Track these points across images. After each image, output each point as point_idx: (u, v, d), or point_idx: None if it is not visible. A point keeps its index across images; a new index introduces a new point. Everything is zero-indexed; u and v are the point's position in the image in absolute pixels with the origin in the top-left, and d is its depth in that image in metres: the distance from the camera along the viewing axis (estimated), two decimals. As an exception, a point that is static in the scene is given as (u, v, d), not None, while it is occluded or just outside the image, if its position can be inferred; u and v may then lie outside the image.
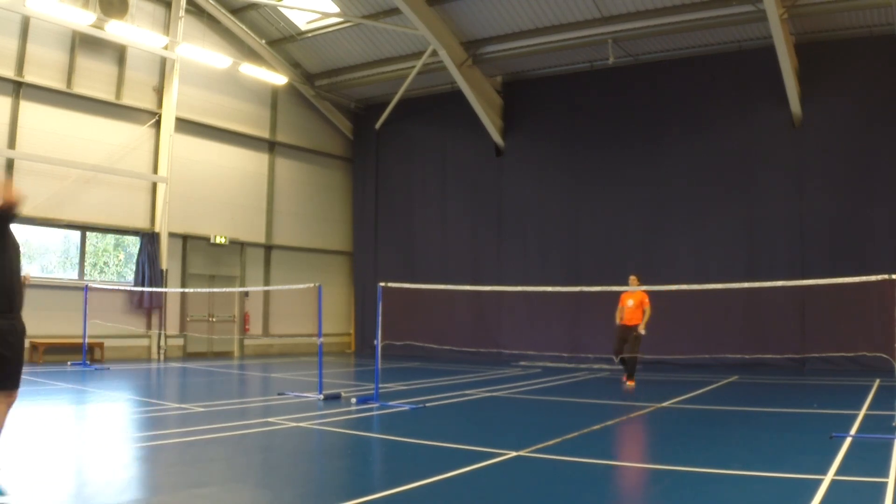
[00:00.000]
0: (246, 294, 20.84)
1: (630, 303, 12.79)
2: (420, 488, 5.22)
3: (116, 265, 19.24)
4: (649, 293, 12.75)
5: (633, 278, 12.77)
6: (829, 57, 16.97)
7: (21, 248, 5.35)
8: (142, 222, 18.67)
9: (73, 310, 16.30)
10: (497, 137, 21.06)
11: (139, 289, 17.86)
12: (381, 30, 19.71)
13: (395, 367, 16.28)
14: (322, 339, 11.17)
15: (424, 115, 22.67)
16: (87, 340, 16.00)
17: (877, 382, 12.63)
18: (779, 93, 16.71)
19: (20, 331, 5.03)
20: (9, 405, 4.95)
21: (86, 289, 16.36)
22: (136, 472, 5.60)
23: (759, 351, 16.13)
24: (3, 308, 4.95)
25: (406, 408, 9.61)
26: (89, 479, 5.25)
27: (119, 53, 18.21)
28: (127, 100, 18.32)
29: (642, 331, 12.47)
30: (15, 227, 5.26)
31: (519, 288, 15.21)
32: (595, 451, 6.79)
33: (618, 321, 12.89)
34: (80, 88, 17.31)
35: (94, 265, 18.59)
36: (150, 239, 18.55)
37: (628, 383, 12.66)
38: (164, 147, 18.79)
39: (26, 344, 5.05)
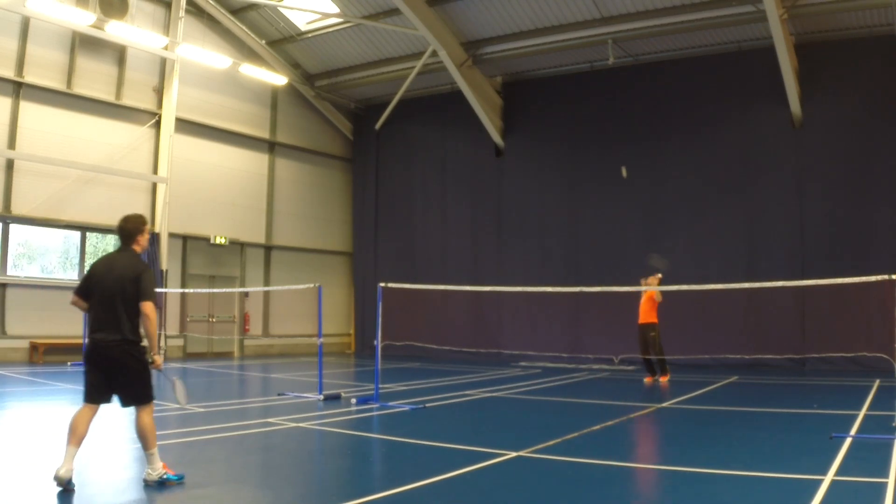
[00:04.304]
0: (246, 294, 20.84)
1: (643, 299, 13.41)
2: (420, 488, 5.22)
3: (116, 265, 19.24)
4: (648, 293, 13.15)
5: (651, 279, 13.29)
6: (829, 57, 16.97)
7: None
8: (142, 223, 18.65)
9: (72, 310, 16.09)
10: (497, 138, 21.06)
11: (139, 289, 17.82)
12: (381, 30, 19.71)
13: (395, 368, 16.27)
14: (322, 340, 11.17)
15: (424, 116, 22.66)
16: (87, 341, 15.96)
17: (877, 382, 12.62)
18: (779, 93, 16.71)
19: (98, 348, 5.38)
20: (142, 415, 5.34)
21: (86, 289, 16.33)
22: (136, 472, 5.59)
23: (759, 351, 16.15)
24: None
25: (406, 408, 9.60)
26: (89, 480, 5.25)
27: (119, 54, 18.21)
28: (127, 100, 18.32)
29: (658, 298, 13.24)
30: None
31: (519, 288, 15.23)
32: (595, 452, 6.78)
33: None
34: (80, 89, 17.32)
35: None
36: (150, 239, 18.51)
37: (662, 379, 13.27)
38: (164, 147, 18.80)
39: (24, 345, 5.31)
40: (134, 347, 5.32)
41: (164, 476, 5.17)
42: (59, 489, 4.87)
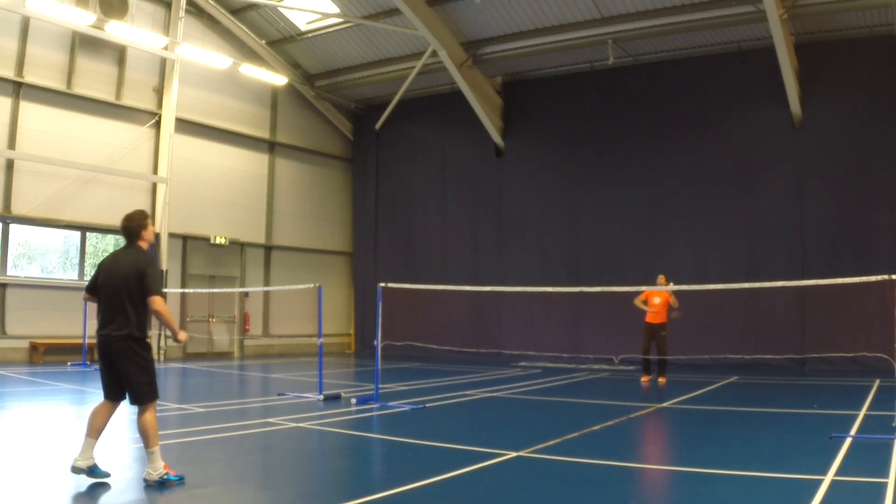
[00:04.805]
0: (246, 294, 20.84)
1: (657, 301, 13.34)
2: (420, 488, 5.22)
3: (116, 265, 19.23)
4: (665, 297, 13.24)
5: (661, 277, 13.43)
6: (829, 57, 16.97)
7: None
8: (142, 222, 18.62)
9: (73, 310, 16.29)
10: (497, 138, 21.06)
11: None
12: (381, 30, 19.71)
13: (395, 368, 16.28)
14: (322, 340, 11.17)
15: (424, 116, 22.66)
16: (87, 341, 15.99)
17: (877, 382, 12.63)
18: (779, 93, 16.71)
19: (103, 344, 5.40)
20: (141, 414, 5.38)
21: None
22: (137, 472, 5.60)
23: (759, 351, 16.14)
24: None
25: (406, 408, 9.61)
26: (89, 479, 5.25)
27: (119, 54, 18.21)
28: (127, 100, 18.32)
29: (675, 305, 13.22)
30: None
31: (519, 288, 15.22)
32: (595, 452, 6.79)
33: (637, 302, 13.48)
34: (80, 89, 17.32)
35: (95, 265, 18.59)
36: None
37: (661, 380, 13.28)
38: (164, 147, 18.79)
39: (24, 345, 5.38)
40: (138, 344, 5.36)
41: (165, 476, 5.18)
42: (86, 479, 5.18)
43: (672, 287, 12.66)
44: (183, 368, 16.16)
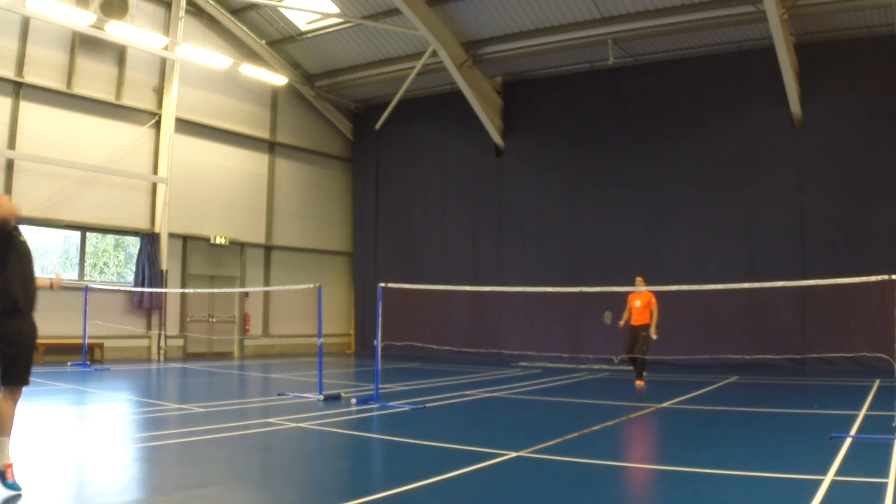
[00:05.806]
0: (246, 294, 20.84)
1: (637, 304, 13.19)
2: (420, 488, 5.22)
3: (116, 266, 19.25)
4: (648, 298, 13.10)
5: (639, 279, 13.12)
6: (829, 57, 16.98)
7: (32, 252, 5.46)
8: (142, 223, 18.67)
9: (73, 310, 16.29)
10: (497, 138, 21.06)
11: (139, 289, 17.86)
12: (381, 30, 19.71)
13: (395, 368, 16.28)
14: (322, 340, 11.17)
15: (424, 116, 22.67)
16: (87, 341, 16.00)
17: (877, 382, 12.63)
18: (779, 93, 16.71)
19: (26, 331, 5.19)
20: (14, 402, 5.27)
21: (86, 289, 16.37)
22: (137, 472, 5.60)
23: (759, 351, 16.13)
24: (10, 310, 5.10)
25: (406, 408, 9.60)
26: (90, 480, 5.26)
27: (119, 54, 18.21)
28: (127, 100, 18.32)
29: (654, 335, 12.91)
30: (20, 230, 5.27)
31: (519, 288, 15.21)
32: (595, 452, 6.79)
33: (621, 324, 13.38)
34: (80, 89, 17.31)
35: (94, 266, 18.60)
36: (150, 239, 18.55)
37: (637, 383, 13.04)
38: (164, 147, 18.80)
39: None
40: None
41: None
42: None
43: (649, 287, 12.60)
44: (183, 368, 16.16)
